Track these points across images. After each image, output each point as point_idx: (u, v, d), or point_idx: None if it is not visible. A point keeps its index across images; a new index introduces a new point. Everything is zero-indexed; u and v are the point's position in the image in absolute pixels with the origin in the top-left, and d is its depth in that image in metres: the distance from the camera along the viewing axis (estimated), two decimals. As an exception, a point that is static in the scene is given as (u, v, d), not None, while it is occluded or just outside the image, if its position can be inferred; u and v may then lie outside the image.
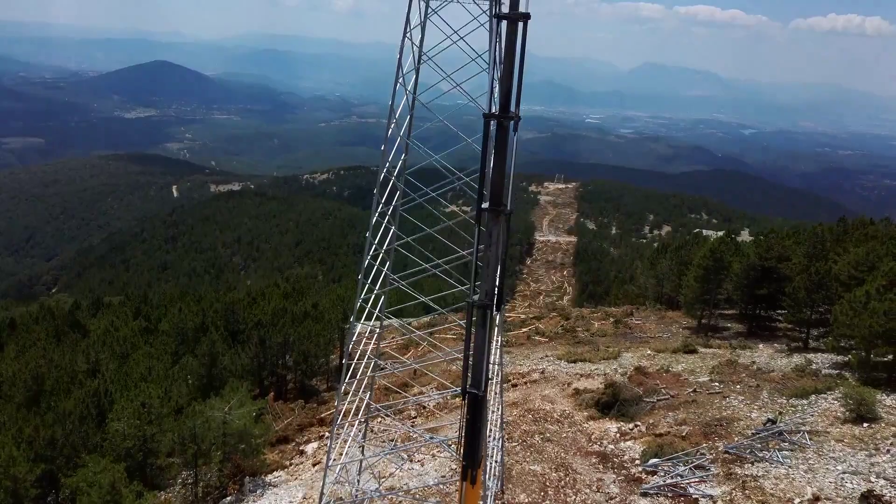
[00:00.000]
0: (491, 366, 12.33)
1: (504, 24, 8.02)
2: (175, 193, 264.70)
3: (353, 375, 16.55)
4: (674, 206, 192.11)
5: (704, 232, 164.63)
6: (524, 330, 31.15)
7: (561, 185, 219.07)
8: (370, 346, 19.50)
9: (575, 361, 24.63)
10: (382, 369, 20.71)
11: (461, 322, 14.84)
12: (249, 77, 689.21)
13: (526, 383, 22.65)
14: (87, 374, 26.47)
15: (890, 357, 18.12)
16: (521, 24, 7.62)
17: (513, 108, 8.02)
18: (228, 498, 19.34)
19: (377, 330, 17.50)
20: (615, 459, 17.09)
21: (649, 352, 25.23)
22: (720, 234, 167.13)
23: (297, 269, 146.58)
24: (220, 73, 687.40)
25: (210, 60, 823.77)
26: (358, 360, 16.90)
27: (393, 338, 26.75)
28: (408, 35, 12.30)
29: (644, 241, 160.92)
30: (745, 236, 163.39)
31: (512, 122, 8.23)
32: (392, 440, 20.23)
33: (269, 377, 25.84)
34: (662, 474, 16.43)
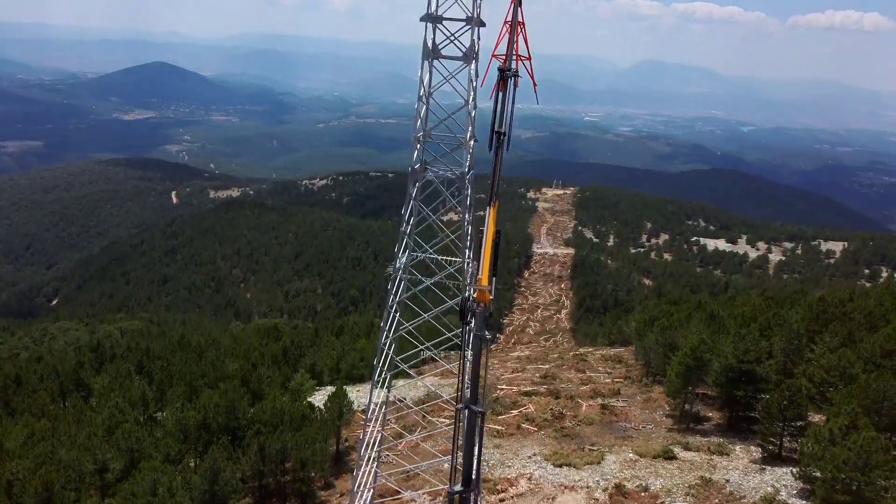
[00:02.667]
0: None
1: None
2: (174, 200, 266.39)
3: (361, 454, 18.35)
4: (671, 212, 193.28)
5: (702, 241, 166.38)
6: (514, 413, 32.31)
7: (559, 191, 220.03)
8: (374, 431, 21.07)
9: (561, 465, 25.85)
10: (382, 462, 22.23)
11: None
12: (247, 77, 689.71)
13: (513, 497, 23.85)
14: (94, 473, 27.72)
15: (850, 499, 19.28)
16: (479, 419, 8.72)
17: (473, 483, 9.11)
18: None
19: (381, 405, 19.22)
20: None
21: (631, 455, 26.43)
22: (718, 242, 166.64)
23: (296, 282, 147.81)
24: (218, 74, 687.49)
25: (208, 60, 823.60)
26: (363, 451, 18.73)
27: (389, 422, 27.88)
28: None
29: (642, 250, 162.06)
30: (742, 245, 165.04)
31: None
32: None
33: (268, 480, 27.09)
34: None
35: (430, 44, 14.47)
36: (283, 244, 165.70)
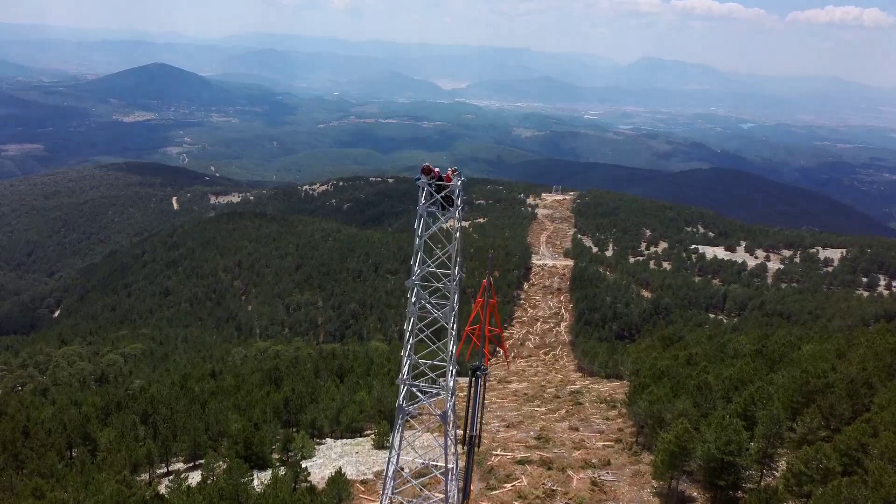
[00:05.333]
0: None
1: None
2: (175, 206, 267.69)
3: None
4: (670, 218, 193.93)
5: (700, 248, 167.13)
6: (507, 488, 33.37)
7: (559, 197, 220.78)
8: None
9: (551, 559, 27.01)
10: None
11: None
12: (247, 77, 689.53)
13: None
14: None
15: None
16: None
17: None
18: None
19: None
20: None
21: (618, 546, 27.58)
22: (717, 250, 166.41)
23: (297, 295, 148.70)
24: (217, 74, 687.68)
25: (207, 61, 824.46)
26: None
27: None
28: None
29: (641, 258, 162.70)
30: (740, 252, 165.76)
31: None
32: None
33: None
34: None
35: (420, 231, 17.20)
36: (284, 255, 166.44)
